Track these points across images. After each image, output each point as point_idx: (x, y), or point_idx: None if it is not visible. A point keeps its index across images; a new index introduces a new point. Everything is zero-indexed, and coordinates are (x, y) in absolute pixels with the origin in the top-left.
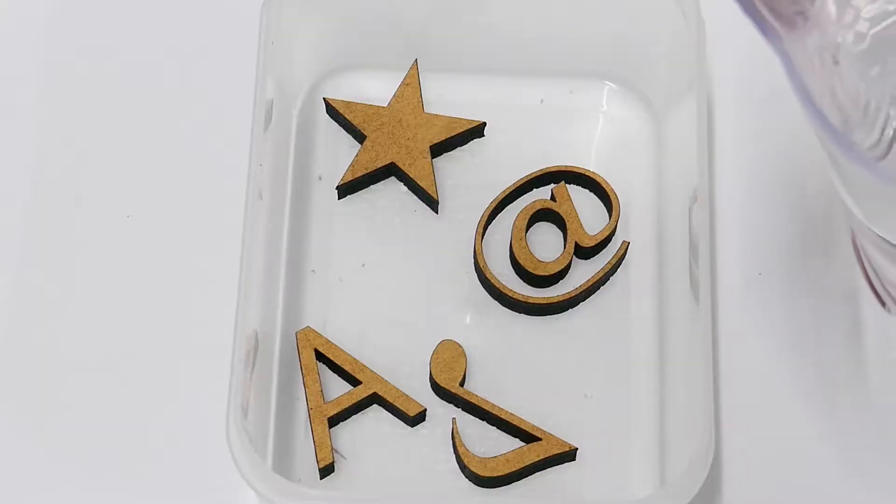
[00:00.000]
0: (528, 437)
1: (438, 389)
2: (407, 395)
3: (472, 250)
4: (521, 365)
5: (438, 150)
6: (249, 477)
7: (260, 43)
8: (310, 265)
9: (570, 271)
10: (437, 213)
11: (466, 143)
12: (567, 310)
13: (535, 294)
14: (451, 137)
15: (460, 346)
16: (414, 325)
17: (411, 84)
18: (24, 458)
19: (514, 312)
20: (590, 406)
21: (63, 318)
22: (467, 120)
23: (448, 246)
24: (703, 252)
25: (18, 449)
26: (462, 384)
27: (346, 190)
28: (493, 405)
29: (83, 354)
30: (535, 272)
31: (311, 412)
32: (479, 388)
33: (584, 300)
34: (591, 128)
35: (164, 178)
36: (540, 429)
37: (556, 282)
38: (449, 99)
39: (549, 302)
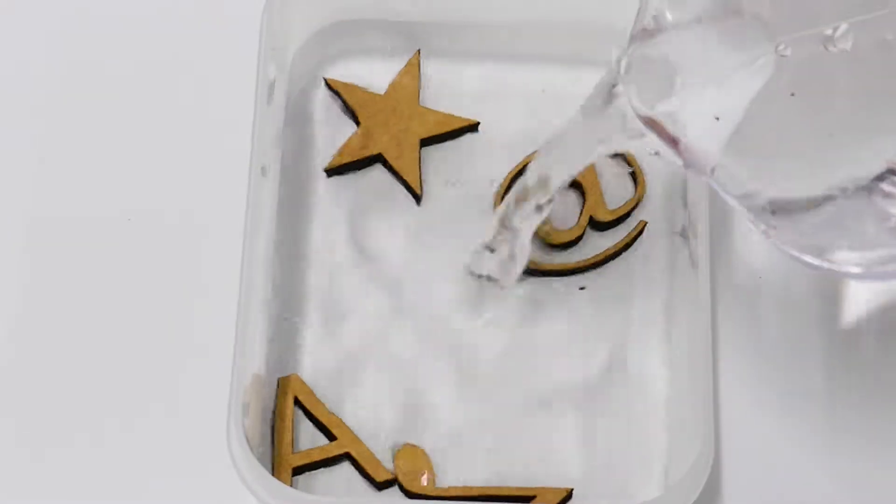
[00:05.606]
0: (521, 498)
1: (414, 496)
2: (378, 461)
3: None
4: (519, 363)
5: (431, 141)
6: (249, 481)
7: (262, 33)
8: (309, 259)
9: (584, 241)
10: (419, 205)
11: (458, 138)
12: (572, 275)
13: (545, 259)
14: (443, 133)
15: (419, 448)
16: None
17: (410, 73)
18: (24, 459)
19: (508, 300)
20: (590, 408)
21: (63, 319)
22: (461, 118)
23: (442, 233)
24: (703, 229)
25: (18, 449)
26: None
27: (334, 173)
28: (479, 488)
29: (83, 355)
30: (546, 239)
31: (276, 460)
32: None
33: (592, 270)
34: None
35: (164, 181)
36: (531, 488)
37: (567, 249)
38: (448, 85)
39: (554, 268)
